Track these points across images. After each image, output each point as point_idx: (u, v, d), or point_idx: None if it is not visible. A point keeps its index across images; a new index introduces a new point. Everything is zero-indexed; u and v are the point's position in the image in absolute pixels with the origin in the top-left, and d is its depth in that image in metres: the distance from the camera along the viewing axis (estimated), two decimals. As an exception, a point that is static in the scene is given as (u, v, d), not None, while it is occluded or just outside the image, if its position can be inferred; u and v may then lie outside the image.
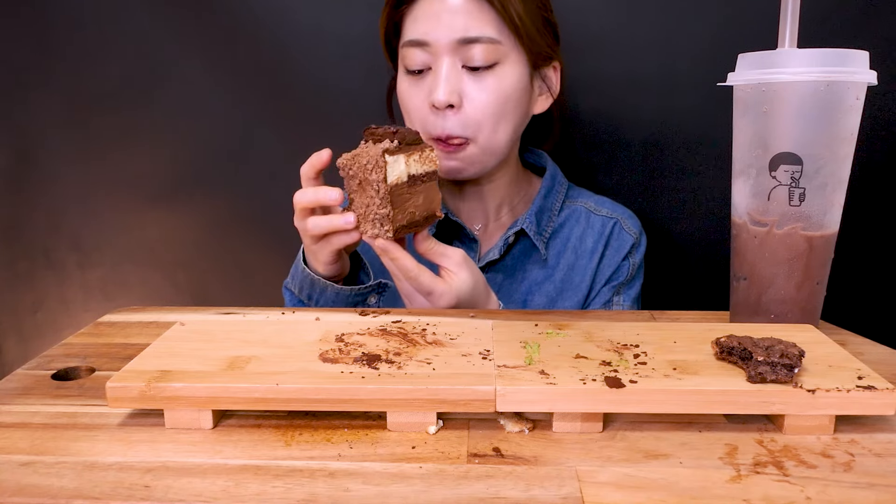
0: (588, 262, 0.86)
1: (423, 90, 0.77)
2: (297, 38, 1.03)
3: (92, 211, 1.13)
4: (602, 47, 0.98)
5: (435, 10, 0.75)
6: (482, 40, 0.74)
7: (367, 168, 0.60)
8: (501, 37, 0.74)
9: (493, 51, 0.74)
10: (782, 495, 0.36)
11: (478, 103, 0.75)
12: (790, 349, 0.43)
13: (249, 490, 0.37)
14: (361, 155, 0.61)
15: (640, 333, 0.51)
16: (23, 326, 1.19)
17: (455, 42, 0.74)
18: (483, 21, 0.74)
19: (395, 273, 0.66)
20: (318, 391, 0.43)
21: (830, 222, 0.57)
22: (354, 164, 0.62)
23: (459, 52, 0.74)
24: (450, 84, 0.74)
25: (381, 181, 0.60)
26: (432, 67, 0.76)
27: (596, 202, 0.90)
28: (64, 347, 0.58)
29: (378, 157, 0.60)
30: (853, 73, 0.53)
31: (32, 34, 1.06)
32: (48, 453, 0.41)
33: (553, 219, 0.87)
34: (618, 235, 0.87)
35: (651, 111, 0.99)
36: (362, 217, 0.63)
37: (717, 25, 0.94)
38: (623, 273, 0.87)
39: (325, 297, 0.73)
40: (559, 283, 0.85)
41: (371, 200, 0.62)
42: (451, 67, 0.75)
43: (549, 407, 0.42)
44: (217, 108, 1.07)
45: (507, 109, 0.77)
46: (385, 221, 0.62)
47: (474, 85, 0.75)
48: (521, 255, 0.86)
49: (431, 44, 0.74)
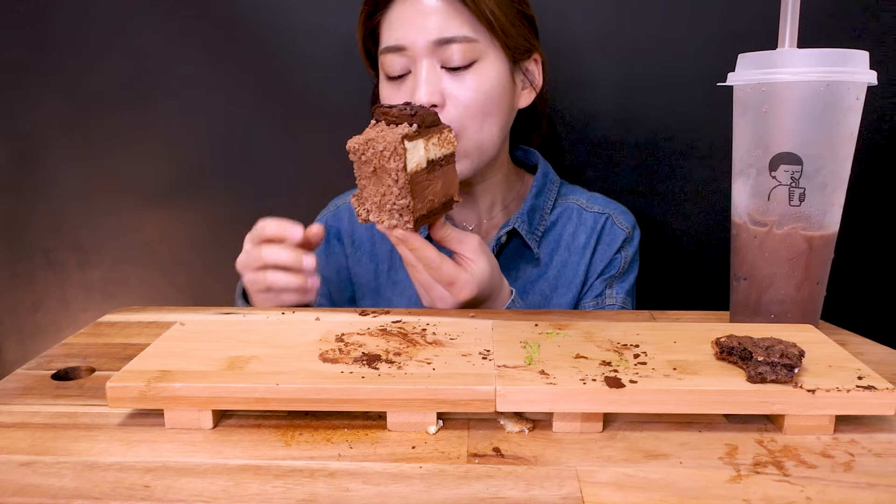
0: (580, 258, 0.86)
1: (404, 94, 0.77)
2: (297, 38, 1.03)
3: (92, 211, 1.13)
4: (602, 47, 0.98)
5: (409, 13, 0.75)
6: (458, 40, 0.74)
7: (383, 155, 0.55)
8: (477, 35, 0.74)
9: (470, 49, 0.74)
10: (782, 495, 0.36)
11: (460, 102, 0.75)
12: (790, 349, 0.43)
13: (249, 490, 0.37)
14: (377, 140, 0.55)
15: (640, 333, 0.51)
16: (23, 326, 1.19)
17: (431, 43, 0.74)
18: (458, 21, 0.74)
19: (413, 263, 0.64)
20: (318, 391, 0.43)
21: (830, 222, 0.57)
22: (368, 150, 0.56)
23: (437, 54, 0.74)
24: (430, 85, 0.74)
25: (400, 170, 0.55)
26: (412, 71, 0.76)
27: (588, 199, 0.90)
28: (64, 347, 0.58)
29: (397, 143, 0.54)
30: (853, 73, 0.53)
31: (32, 34, 1.06)
32: (48, 453, 0.41)
33: (545, 217, 0.87)
34: (609, 230, 0.87)
35: (651, 111, 0.99)
36: (376, 205, 0.59)
37: (717, 25, 0.94)
38: (615, 266, 0.87)
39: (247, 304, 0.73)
40: (553, 281, 0.86)
41: (388, 189, 0.57)
42: (431, 69, 0.74)
43: (549, 407, 0.42)
44: (217, 107, 1.07)
45: (490, 106, 0.77)
46: (405, 212, 0.57)
47: (455, 84, 0.75)
48: (514, 254, 0.86)
49: (409, 47, 0.75)
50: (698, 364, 0.45)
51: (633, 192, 1.02)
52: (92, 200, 1.13)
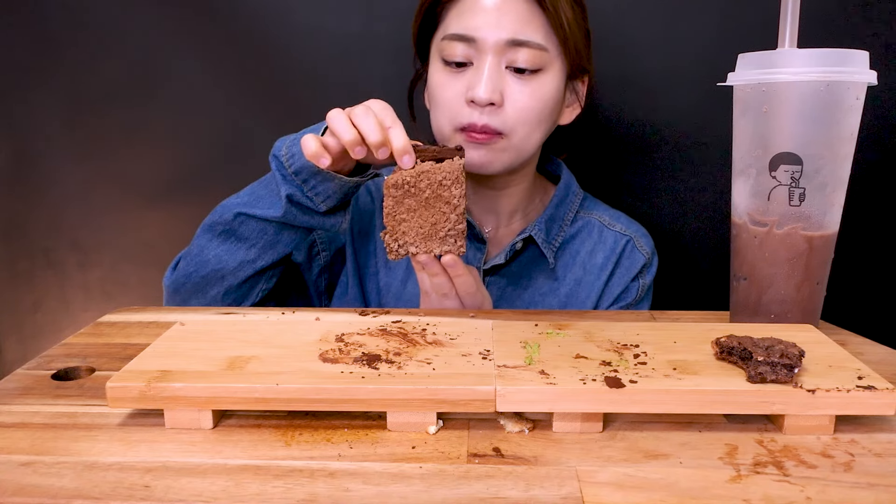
0: (596, 278, 0.85)
1: (460, 83, 0.76)
2: (297, 38, 1.03)
3: (92, 211, 1.13)
4: (602, 47, 0.98)
5: (486, 5, 0.74)
6: (530, 45, 0.74)
7: (443, 184, 0.60)
8: (549, 44, 0.75)
9: (539, 56, 0.74)
10: (782, 495, 0.36)
11: (520, 106, 0.75)
12: (790, 349, 0.43)
13: (249, 490, 0.37)
14: (432, 171, 0.60)
15: (640, 333, 0.51)
16: (23, 326, 1.19)
17: (503, 42, 0.73)
18: (534, 26, 0.74)
19: (446, 292, 0.65)
20: (318, 391, 0.43)
21: (830, 222, 0.57)
22: (423, 181, 0.60)
23: (505, 53, 0.74)
24: (492, 83, 0.74)
25: (461, 196, 0.60)
26: (474, 63, 0.76)
27: (611, 216, 0.88)
28: (64, 347, 0.58)
29: (460, 171, 0.60)
30: (853, 73, 0.53)
31: (32, 34, 1.06)
32: (48, 453, 0.41)
33: (564, 228, 0.86)
34: (629, 254, 0.86)
35: (651, 111, 0.99)
36: (421, 237, 0.62)
37: (717, 25, 0.94)
38: (631, 294, 0.86)
39: (325, 186, 0.69)
40: (564, 298, 0.84)
41: (442, 217, 0.61)
42: (496, 67, 0.74)
43: (549, 407, 0.42)
44: (217, 107, 1.07)
45: (543, 116, 0.77)
46: (460, 236, 0.62)
47: (517, 87, 0.75)
48: (528, 262, 0.85)
49: (478, 40, 0.74)
50: (698, 364, 0.45)
51: (633, 192, 1.02)
52: (92, 200, 1.13)
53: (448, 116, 0.77)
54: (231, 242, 0.73)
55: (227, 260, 0.73)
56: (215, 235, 0.74)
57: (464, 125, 0.76)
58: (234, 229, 0.73)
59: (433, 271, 0.64)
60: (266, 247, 0.73)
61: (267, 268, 0.75)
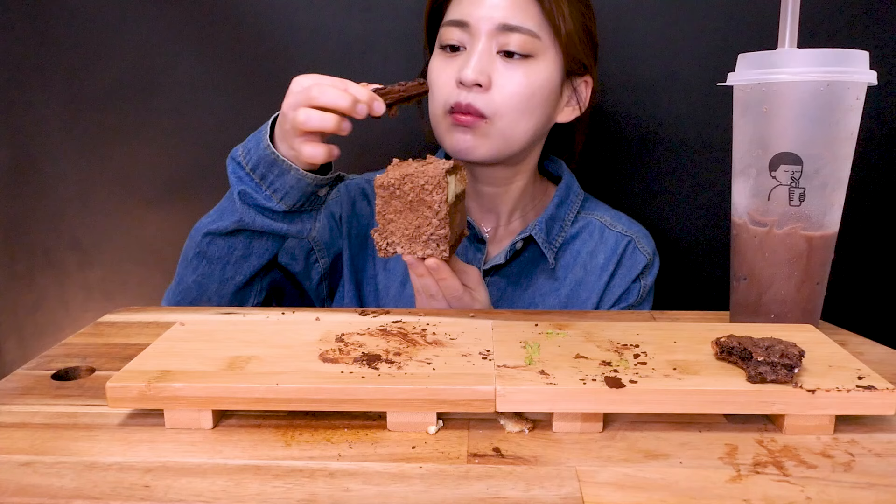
0: (597, 279, 0.84)
1: (453, 67, 0.77)
2: (297, 39, 1.03)
3: (92, 211, 1.13)
4: (601, 47, 0.98)
5: None
6: (522, 30, 0.74)
7: (424, 189, 0.60)
8: (541, 32, 0.75)
9: (530, 42, 0.75)
10: (782, 495, 0.36)
11: (507, 90, 0.75)
12: (790, 349, 0.43)
13: (249, 490, 0.37)
14: (415, 175, 0.61)
15: (640, 333, 0.51)
16: (23, 326, 1.19)
17: (495, 26, 0.74)
18: (528, 13, 0.75)
19: (433, 293, 0.66)
20: (318, 391, 0.43)
21: (830, 222, 0.57)
22: (406, 184, 0.61)
23: (497, 38, 0.75)
24: (481, 64, 0.74)
25: (443, 201, 0.60)
26: (468, 47, 0.76)
27: (612, 217, 0.88)
28: (64, 347, 0.58)
29: (441, 177, 0.60)
30: (853, 73, 0.53)
31: (32, 34, 1.06)
32: (48, 453, 0.41)
33: (565, 229, 0.86)
34: (631, 255, 0.86)
35: (651, 111, 0.99)
36: (406, 238, 0.63)
37: (717, 25, 0.94)
38: (633, 295, 0.85)
39: (283, 181, 0.68)
40: (564, 298, 0.84)
41: (425, 221, 0.61)
42: (486, 50, 0.75)
43: (549, 407, 0.42)
44: (217, 107, 1.07)
45: (531, 104, 0.77)
46: (442, 241, 0.62)
47: (505, 71, 0.75)
48: (528, 263, 0.85)
49: (472, 24, 0.75)
50: (698, 364, 0.45)
51: (633, 191, 1.02)
52: (92, 200, 1.13)
53: (441, 100, 0.78)
54: (205, 266, 0.74)
55: (206, 284, 0.75)
56: (190, 262, 0.75)
57: (452, 105, 0.76)
58: (204, 251, 0.74)
59: (418, 272, 0.64)
60: (239, 262, 0.74)
61: (250, 279, 0.76)
